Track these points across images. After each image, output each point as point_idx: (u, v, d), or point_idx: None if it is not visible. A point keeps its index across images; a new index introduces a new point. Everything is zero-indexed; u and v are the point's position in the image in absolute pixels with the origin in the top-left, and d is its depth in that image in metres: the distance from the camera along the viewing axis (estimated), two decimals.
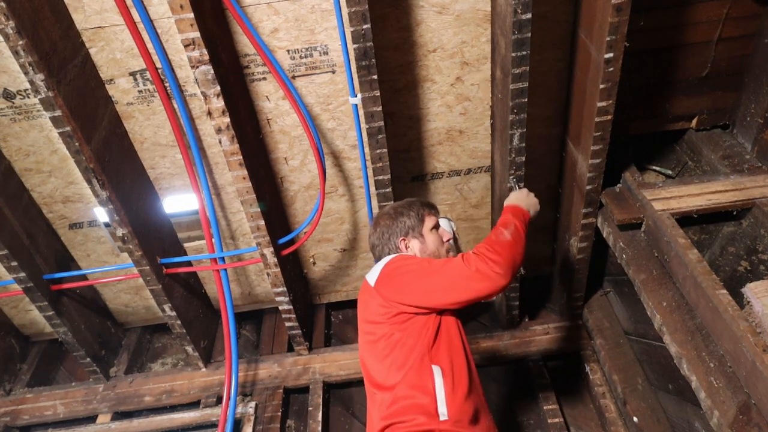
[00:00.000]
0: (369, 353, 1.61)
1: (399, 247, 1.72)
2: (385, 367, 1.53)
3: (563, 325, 2.64)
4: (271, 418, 2.46)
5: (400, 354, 1.51)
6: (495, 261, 1.48)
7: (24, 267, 2.23)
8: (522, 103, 1.87)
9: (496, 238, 1.55)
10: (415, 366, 1.48)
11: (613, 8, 1.66)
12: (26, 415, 2.62)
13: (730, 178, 2.09)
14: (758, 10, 2.08)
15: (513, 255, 1.51)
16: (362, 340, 1.66)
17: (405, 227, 1.73)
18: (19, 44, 1.63)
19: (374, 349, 1.58)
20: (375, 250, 1.78)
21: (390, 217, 1.76)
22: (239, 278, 2.73)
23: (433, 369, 1.48)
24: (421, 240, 1.73)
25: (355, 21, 1.70)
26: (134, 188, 2.19)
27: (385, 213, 1.80)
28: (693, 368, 1.65)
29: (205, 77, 1.77)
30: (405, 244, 1.72)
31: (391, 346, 1.53)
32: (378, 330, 1.57)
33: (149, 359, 2.96)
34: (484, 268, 1.47)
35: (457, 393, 1.48)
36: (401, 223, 1.73)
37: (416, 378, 1.48)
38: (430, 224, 1.75)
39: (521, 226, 1.61)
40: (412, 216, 1.74)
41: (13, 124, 2.13)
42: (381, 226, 1.76)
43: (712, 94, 2.29)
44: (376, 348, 1.57)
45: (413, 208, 1.76)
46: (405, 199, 1.86)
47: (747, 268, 2.01)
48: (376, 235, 1.77)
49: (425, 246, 1.72)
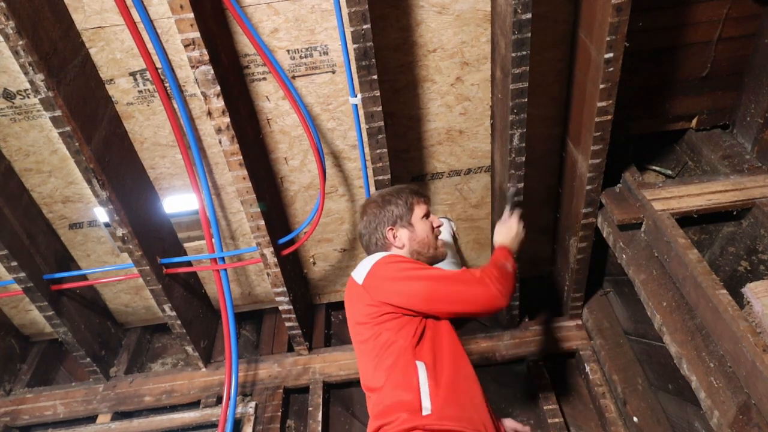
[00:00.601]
0: (359, 354, 1.61)
1: (386, 237, 1.69)
2: (372, 367, 1.52)
3: (563, 325, 2.64)
4: (271, 418, 2.46)
5: (387, 354, 1.50)
6: (502, 283, 1.57)
7: (24, 267, 2.23)
8: (522, 103, 1.87)
9: (501, 266, 1.63)
10: (400, 364, 1.47)
11: (613, 8, 1.66)
12: (26, 415, 2.62)
13: (730, 178, 2.09)
14: (758, 10, 2.08)
15: (512, 284, 1.63)
16: (353, 340, 1.65)
17: (393, 216, 1.69)
18: (19, 44, 1.63)
19: (363, 350, 1.57)
20: (362, 239, 1.76)
21: (377, 205, 1.72)
22: (239, 278, 2.73)
23: (416, 364, 1.46)
24: (410, 229, 1.70)
25: (355, 21, 1.70)
26: (134, 188, 2.19)
27: (372, 201, 1.76)
28: (693, 368, 1.65)
29: (205, 77, 1.77)
30: (393, 233, 1.69)
31: (378, 347, 1.52)
32: (366, 331, 1.56)
33: (149, 359, 2.96)
34: (492, 287, 1.55)
35: (441, 387, 1.44)
36: (389, 212, 1.69)
37: (400, 376, 1.46)
38: (420, 213, 1.72)
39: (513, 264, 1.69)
40: (400, 204, 1.70)
41: (13, 124, 2.13)
42: (368, 215, 1.73)
43: (712, 94, 2.29)
44: (364, 349, 1.56)
45: (401, 196, 1.72)
46: (394, 186, 1.82)
47: (747, 268, 2.01)
48: (363, 223, 1.74)
49: (414, 234, 1.69)
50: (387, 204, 1.71)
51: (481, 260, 2.75)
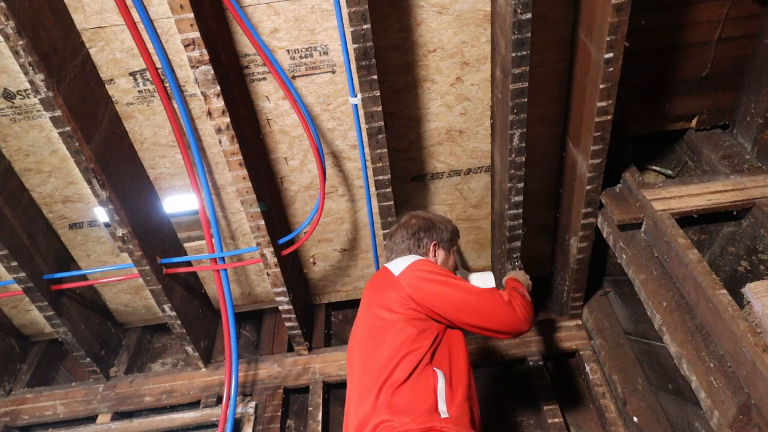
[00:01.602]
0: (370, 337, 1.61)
1: (428, 249, 1.84)
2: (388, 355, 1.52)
3: (563, 325, 2.64)
4: (271, 418, 2.46)
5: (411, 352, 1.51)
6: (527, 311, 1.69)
7: (24, 267, 2.23)
8: (522, 103, 1.87)
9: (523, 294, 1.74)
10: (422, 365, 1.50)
11: (613, 8, 1.66)
12: (26, 415, 2.62)
13: (730, 178, 2.09)
14: (758, 10, 2.08)
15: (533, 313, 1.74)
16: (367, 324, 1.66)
17: (441, 236, 1.88)
18: (19, 44, 1.63)
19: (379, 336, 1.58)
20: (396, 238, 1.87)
21: (430, 221, 1.90)
22: (239, 278, 2.73)
23: (435, 371, 1.50)
24: (446, 254, 1.88)
25: (355, 21, 1.70)
26: (134, 188, 2.19)
27: (424, 215, 1.93)
28: (693, 368, 1.65)
29: (205, 77, 1.77)
30: (434, 249, 1.85)
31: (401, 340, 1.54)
32: (390, 317, 1.59)
33: (149, 359, 2.96)
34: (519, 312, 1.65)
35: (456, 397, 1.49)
36: (438, 231, 1.88)
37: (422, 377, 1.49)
38: (454, 247, 1.95)
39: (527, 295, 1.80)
40: (448, 231, 1.91)
41: (13, 124, 2.13)
42: (418, 223, 1.87)
43: (712, 94, 2.29)
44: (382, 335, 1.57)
45: (450, 226, 1.94)
46: (442, 215, 2.07)
47: (747, 268, 2.01)
48: (408, 226, 1.87)
49: (446, 261, 1.88)
50: (438, 224, 1.90)
51: (481, 260, 2.75)
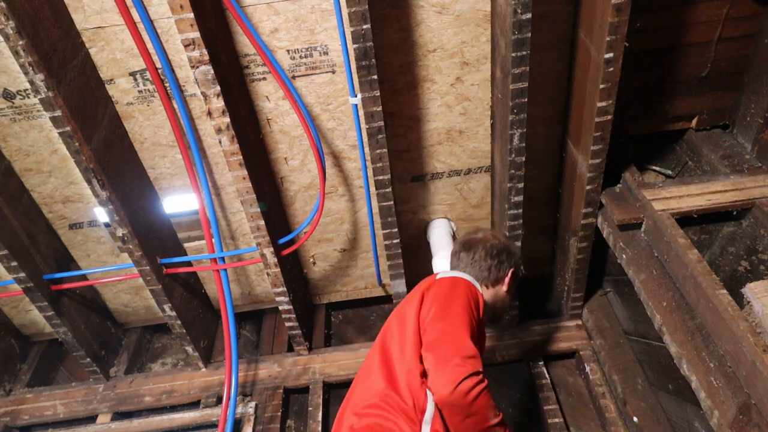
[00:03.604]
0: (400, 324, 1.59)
1: (504, 274, 1.74)
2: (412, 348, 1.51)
3: (563, 325, 2.64)
4: (271, 418, 2.46)
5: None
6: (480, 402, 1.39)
7: (24, 267, 2.23)
8: (522, 103, 1.87)
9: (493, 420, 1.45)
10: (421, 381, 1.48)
11: (613, 8, 1.66)
12: (26, 415, 2.62)
13: (730, 178, 2.09)
14: (758, 10, 2.08)
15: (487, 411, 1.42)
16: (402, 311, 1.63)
17: (517, 265, 1.79)
18: (19, 44, 1.63)
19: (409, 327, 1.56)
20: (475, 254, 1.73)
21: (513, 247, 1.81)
22: (239, 278, 2.73)
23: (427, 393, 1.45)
24: (512, 285, 1.78)
25: (355, 21, 1.70)
26: (134, 188, 2.19)
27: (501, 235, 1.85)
28: (693, 368, 1.65)
29: (205, 77, 1.77)
30: (509, 276, 1.75)
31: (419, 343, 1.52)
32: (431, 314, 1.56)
33: (149, 359, 2.96)
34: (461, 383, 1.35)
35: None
36: (518, 260, 1.80)
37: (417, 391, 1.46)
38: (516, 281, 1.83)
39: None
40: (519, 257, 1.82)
41: (13, 124, 2.13)
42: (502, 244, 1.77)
43: (712, 94, 2.29)
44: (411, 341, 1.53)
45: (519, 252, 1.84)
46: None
47: (747, 268, 2.01)
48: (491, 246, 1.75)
49: (511, 287, 1.77)
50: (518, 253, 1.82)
51: None
